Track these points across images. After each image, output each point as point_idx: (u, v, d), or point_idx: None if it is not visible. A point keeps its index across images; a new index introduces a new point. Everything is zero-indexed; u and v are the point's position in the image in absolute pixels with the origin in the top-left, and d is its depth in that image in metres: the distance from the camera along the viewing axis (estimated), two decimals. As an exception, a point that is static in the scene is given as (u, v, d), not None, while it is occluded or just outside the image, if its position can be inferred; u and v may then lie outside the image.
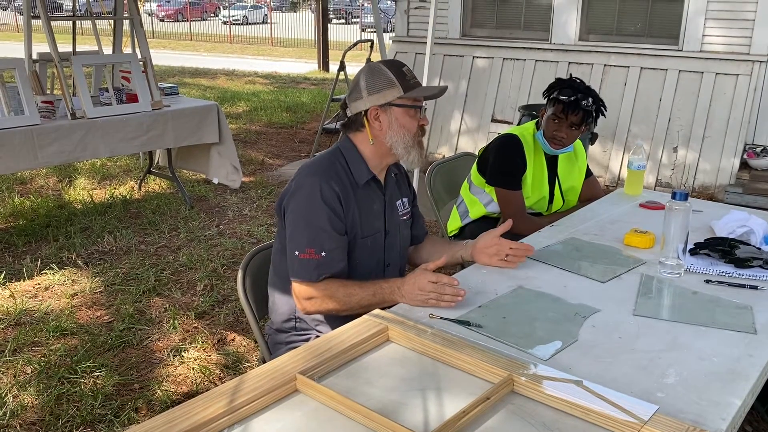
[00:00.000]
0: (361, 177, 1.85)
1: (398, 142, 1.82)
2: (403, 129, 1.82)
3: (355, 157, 1.86)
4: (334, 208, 1.77)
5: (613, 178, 5.69)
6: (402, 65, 1.85)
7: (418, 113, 1.84)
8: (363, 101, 1.82)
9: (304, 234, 1.76)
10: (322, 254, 1.75)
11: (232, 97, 9.93)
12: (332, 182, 1.78)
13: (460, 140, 6.41)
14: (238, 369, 2.84)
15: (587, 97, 2.57)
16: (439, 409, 1.29)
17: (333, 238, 1.77)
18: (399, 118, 1.82)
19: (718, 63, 5.35)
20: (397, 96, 1.80)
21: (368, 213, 1.87)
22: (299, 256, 1.76)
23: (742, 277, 1.90)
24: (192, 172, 5.64)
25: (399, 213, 1.99)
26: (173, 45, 20.61)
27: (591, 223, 2.40)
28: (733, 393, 1.34)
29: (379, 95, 1.80)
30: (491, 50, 6.32)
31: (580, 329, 1.60)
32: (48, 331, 3.10)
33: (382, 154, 1.86)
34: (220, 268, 3.87)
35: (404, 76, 1.82)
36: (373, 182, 1.89)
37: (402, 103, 1.81)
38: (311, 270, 1.76)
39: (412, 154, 1.84)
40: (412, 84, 1.82)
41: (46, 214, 4.76)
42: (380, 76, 1.81)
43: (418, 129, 1.85)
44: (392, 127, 1.82)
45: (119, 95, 4.42)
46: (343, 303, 1.76)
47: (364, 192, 1.86)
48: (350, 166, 1.85)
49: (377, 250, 1.91)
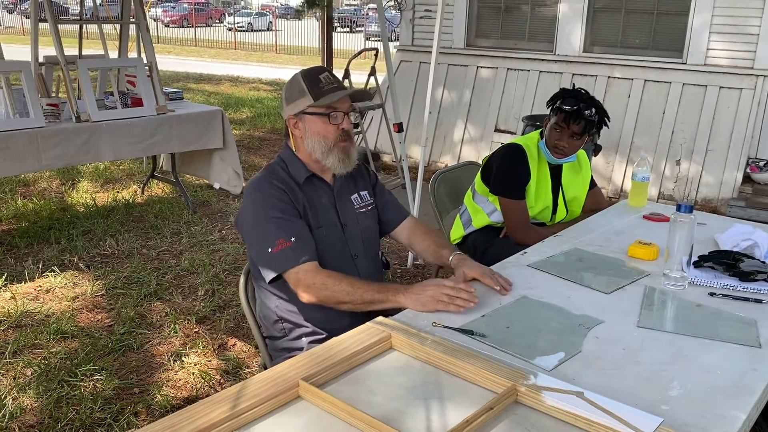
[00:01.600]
0: (300, 176, 1.91)
1: (315, 148, 1.88)
2: (318, 136, 1.87)
3: (292, 159, 1.93)
4: (282, 199, 1.83)
5: (616, 189, 5.69)
6: (321, 71, 1.90)
7: (338, 118, 1.86)
8: (284, 111, 1.91)
9: (268, 230, 1.79)
10: (293, 240, 1.78)
11: (236, 103, 9.95)
12: (274, 181, 1.86)
13: (463, 150, 6.41)
14: (239, 375, 2.83)
15: (590, 107, 2.57)
16: (442, 418, 1.28)
17: (295, 223, 1.82)
18: (312, 125, 1.87)
19: (721, 77, 5.36)
20: (308, 104, 1.85)
21: (318, 207, 1.91)
22: (272, 251, 1.77)
23: (747, 291, 1.90)
24: (195, 177, 5.64)
25: (355, 206, 2.01)
26: (178, 50, 20.68)
27: (595, 234, 2.39)
28: (738, 407, 1.33)
29: (294, 105, 1.87)
30: (495, 60, 6.34)
31: (583, 340, 1.59)
32: (48, 333, 3.09)
33: (310, 158, 1.92)
34: (222, 273, 3.86)
35: (318, 83, 1.86)
36: (316, 179, 1.94)
37: (314, 111, 1.86)
38: (291, 257, 1.77)
39: (330, 158, 1.88)
40: (324, 90, 1.85)
41: (49, 216, 4.76)
42: (294, 86, 1.88)
43: (337, 133, 1.87)
44: (308, 134, 1.88)
45: (124, 99, 4.43)
46: (348, 294, 1.75)
47: (308, 188, 1.91)
48: (289, 167, 1.92)
49: (337, 241, 1.92)
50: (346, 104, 1.90)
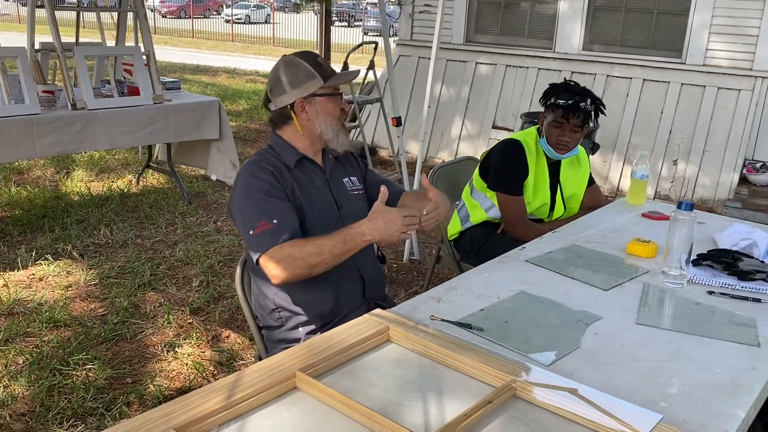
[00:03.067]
0: (290, 159, 1.92)
1: (327, 128, 1.91)
2: (329, 116, 1.92)
3: (282, 146, 1.95)
4: (270, 182, 1.84)
5: (613, 188, 5.69)
6: (316, 56, 1.96)
7: (341, 99, 1.96)
8: (288, 95, 1.90)
9: (252, 212, 1.80)
10: (274, 222, 1.78)
11: (233, 95, 9.91)
12: (263, 164, 1.88)
13: (460, 146, 6.40)
14: (233, 366, 2.82)
15: (585, 98, 2.56)
16: (439, 411, 1.27)
17: (279, 205, 1.82)
18: (324, 106, 1.91)
19: (720, 77, 5.36)
20: (319, 86, 1.89)
21: (310, 188, 1.93)
22: (254, 233, 1.78)
23: (745, 290, 1.89)
24: (191, 168, 5.61)
25: (347, 189, 2.03)
26: (175, 41, 20.59)
27: (593, 231, 2.39)
28: (736, 405, 1.33)
29: (302, 88, 1.89)
30: (494, 57, 6.32)
31: (582, 336, 1.59)
32: (41, 322, 3.07)
33: (311, 141, 1.94)
34: (217, 265, 3.84)
35: (321, 66, 1.92)
36: (307, 161, 1.96)
37: (324, 92, 1.91)
38: (270, 238, 1.76)
39: (340, 137, 1.94)
40: (329, 73, 1.92)
41: (43, 204, 4.72)
42: (300, 70, 1.90)
43: (341, 113, 1.95)
44: (319, 116, 1.91)
45: (121, 88, 4.40)
46: (316, 255, 1.74)
47: (299, 171, 1.93)
48: (279, 153, 1.93)
49: (332, 220, 1.91)
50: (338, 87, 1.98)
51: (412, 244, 4.14)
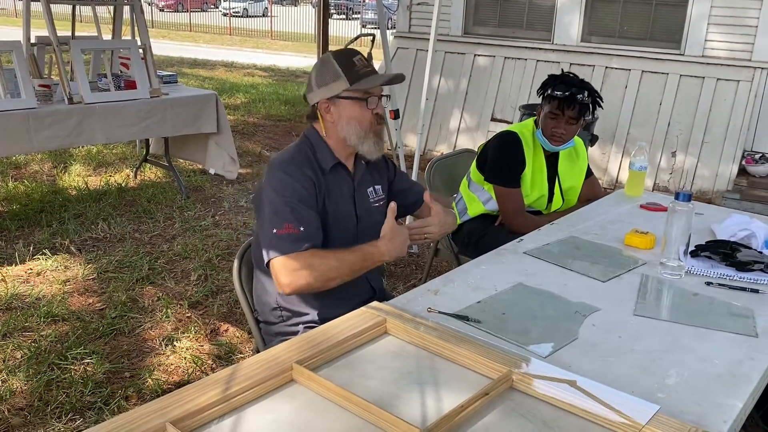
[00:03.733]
0: (327, 162, 1.85)
1: (351, 133, 1.81)
2: (353, 121, 1.80)
3: (320, 144, 1.86)
4: (307, 188, 1.77)
5: (612, 180, 5.68)
6: (354, 54, 1.81)
7: (373, 103, 1.80)
8: (314, 94, 1.83)
9: (281, 212, 1.74)
10: (301, 229, 1.73)
11: (231, 89, 9.88)
12: (303, 167, 1.80)
13: (459, 138, 6.39)
14: (231, 360, 2.81)
15: (582, 90, 2.55)
16: (436, 403, 1.26)
17: (309, 214, 1.76)
18: (348, 110, 1.79)
19: (719, 68, 5.34)
20: (344, 89, 1.77)
21: (337, 196, 1.86)
22: (278, 232, 1.72)
23: (743, 281, 1.89)
24: (188, 162, 5.59)
25: (370, 200, 1.97)
26: (172, 35, 20.51)
27: (591, 223, 2.38)
28: (734, 395, 1.32)
29: (327, 88, 1.79)
30: (493, 49, 6.30)
31: (580, 328, 1.58)
32: (39, 316, 3.06)
33: (340, 144, 1.86)
34: (215, 259, 3.84)
35: (353, 66, 1.78)
36: (341, 167, 1.89)
37: (350, 95, 1.78)
38: (293, 243, 1.71)
39: (366, 144, 1.82)
40: (361, 74, 1.77)
41: (40, 199, 4.71)
42: (328, 69, 1.79)
43: (373, 118, 1.81)
44: (342, 119, 1.80)
45: (117, 81, 4.38)
46: (335, 269, 1.71)
47: (332, 176, 1.86)
48: (316, 152, 1.85)
49: (349, 234, 1.88)
50: (380, 89, 1.84)
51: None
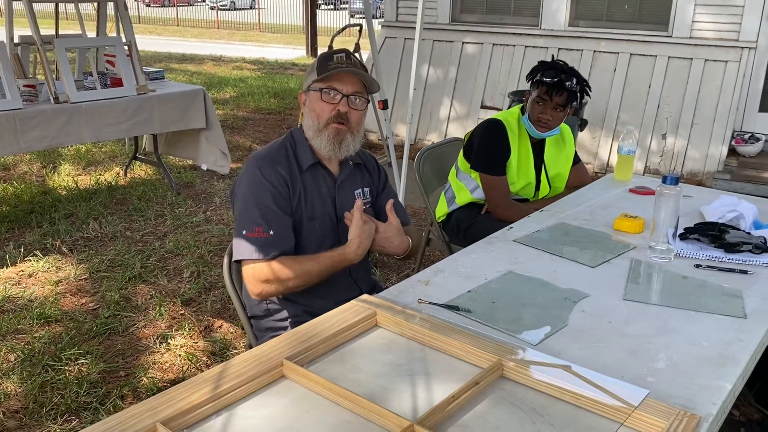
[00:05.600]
0: (305, 161, 1.86)
1: (309, 126, 1.84)
2: (313, 113, 1.83)
3: (302, 142, 1.88)
4: (279, 189, 1.78)
5: (602, 164, 5.69)
6: (338, 52, 1.83)
7: (333, 96, 1.79)
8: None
9: (252, 214, 1.76)
10: (270, 233, 1.75)
11: (219, 83, 9.83)
12: (277, 166, 1.81)
13: (449, 127, 6.38)
14: (226, 356, 2.81)
15: (571, 77, 2.54)
16: (428, 394, 1.27)
17: (280, 218, 1.78)
18: (312, 101, 1.83)
19: (707, 49, 5.34)
20: (313, 80, 1.82)
21: (314, 196, 1.86)
22: (247, 234, 1.75)
23: (732, 262, 1.89)
24: (178, 159, 5.57)
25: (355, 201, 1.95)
26: (160, 31, 20.36)
27: (581, 208, 2.38)
28: (723, 377, 1.33)
29: (305, 80, 1.86)
30: (481, 36, 6.28)
31: (569, 314, 1.59)
32: (32, 318, 3.05)
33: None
34: (207, 255, 3.83)
35: (329, 60, 1.80)
36: (320, 167, 1.89)
37: (315, 87, 1.82)
38: (261, 248, 1.74)
39: (319, 139, 1.83)
40: (330, 68, 1.79)
41: (30, 200, 4.69)
42: (313, 63, 1.85)
43: (331, 113, 1.80)
44: (307, 111, 1.85)
45: (103, 79, 4.34)
46: (297, 279, 1.75)
47: (310, 175, 1.86)
48: (297, 150, 1.87)
49: (327, 235, 1.88)
50: (351, 87, 1.81)
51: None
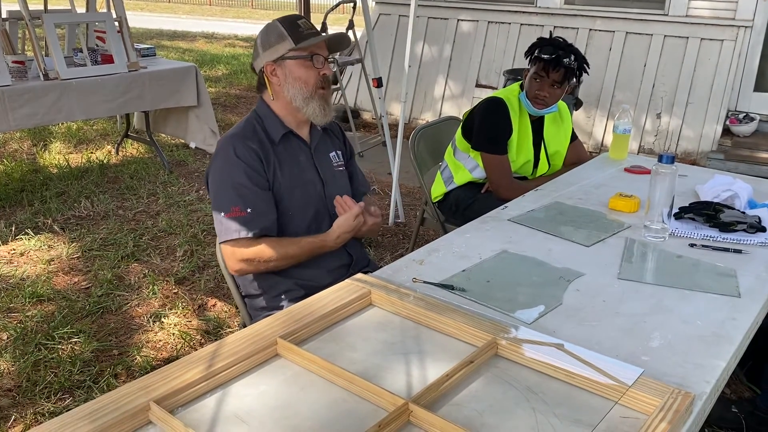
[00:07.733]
0: (276, 133, 1.86)
1: (296, 94, 1.83)
2: (299, 81, 1.82)
3: (268, 115, 1.87)
4: (252, 165, 1.78)
5: (597, 144, 5.68)
6: (298, 18, 1.85)
7: (319, 62, 1.82)
8: (260, 59, 1.85)
9: (227, 194, 1.77)
10: (248, 211, 1.76)
11: (212, 60, 9.73)
12: (248, 141, 1.80)
13: (444, 106, 6.34)
14: (219, 335, 2.81)
15: (568, 54, 2.53)
16: (422, 372, 1.27)
17: (256, 194, 1.78)
18: (294, 70, 1.81)
19: (703, 28, 5.31)
20: (289, 48, 1.80)
21: (293, 165, 1.86)
22: (225, 216, 1.76)
23: (727, 241, 1.90)
24: (171, 137, 5.52)
25: (333, 164, 1.98)
26: (151, 7, 20.09)
27: (576, 188, 2.38)
28: (717, 356, 1.34)
29: (272, 50, 1.82)
30: (476, 13, 6.22)
31: (564, 293, 1.58)
32: (24, 297, 3.04)
33: (289, 110, 1.87)
34: (200, 234, 3.81)
35: (297, 27, 1.81)
36: (293, 136, 1.89)
37: (295, 55, 1.80)
38: (241, 227, 1.75)
39: (311, 105, 1.84)
40: (305, 35, 1.80)
41: (21, 178, 4.64)
42: (272, 32, 1.82)
43: (318, 79, 1.83)
44: (288, 80, 1.82)
45: (94, 56, 4.28)
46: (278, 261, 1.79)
47: (284, 147, 1.86)
48: (265, 124, 1.86)
49: (313, 200, 1.89)
50: (325, 50, 1.86)
51: (397, 207, 4.12)
